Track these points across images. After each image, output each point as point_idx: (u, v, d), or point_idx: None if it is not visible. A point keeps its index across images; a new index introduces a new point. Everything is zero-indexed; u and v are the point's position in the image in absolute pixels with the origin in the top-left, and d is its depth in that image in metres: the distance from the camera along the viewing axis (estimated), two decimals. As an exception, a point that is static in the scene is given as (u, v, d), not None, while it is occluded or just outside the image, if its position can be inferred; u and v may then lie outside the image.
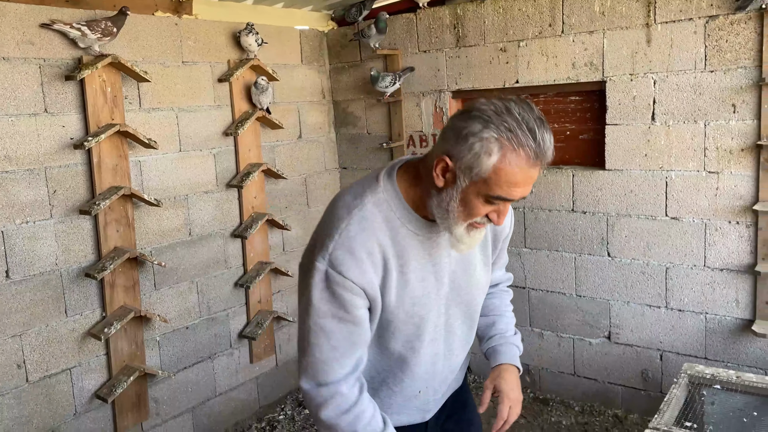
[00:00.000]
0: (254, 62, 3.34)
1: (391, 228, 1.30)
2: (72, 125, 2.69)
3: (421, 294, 1.35)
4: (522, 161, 1.15)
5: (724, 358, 2.96)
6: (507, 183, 1.17)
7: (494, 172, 1.16)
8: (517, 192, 1.19)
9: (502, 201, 1.21)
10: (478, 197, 1.21)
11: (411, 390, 1.48)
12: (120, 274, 2.84)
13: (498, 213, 1.24)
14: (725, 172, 2.84)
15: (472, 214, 1.23)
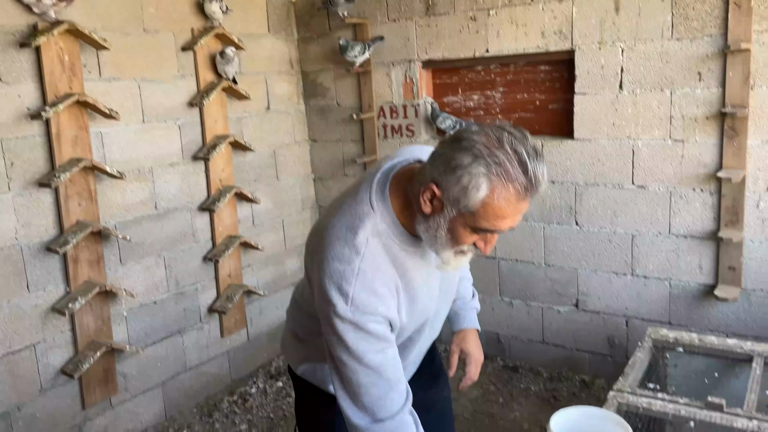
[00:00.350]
0: (219, 31, 3.26)
1: (391, 253, 1.30)
2: (28, 95, 2.59)
3: (425, 302, 1.43)
4: (511, 197, 1.14)
5: (687, 322, 3.03)
6: (495, 217, 1.17)
7: (482, 206, 1.15)
8: (505, 224, 1.19)
9: (489, 233, 1.23)
10: (465, 228, 1.21)
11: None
12: (83, 248, 2.78)
13: (485, 242, 1.26)
14: (690, 141, 2.88)
15: (459, 242, 1.25)
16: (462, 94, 3.60)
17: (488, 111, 3.53)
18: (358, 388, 1.27)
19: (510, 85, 3.44)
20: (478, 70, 3.51)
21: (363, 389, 1.27)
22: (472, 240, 1.24)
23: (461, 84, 3.59)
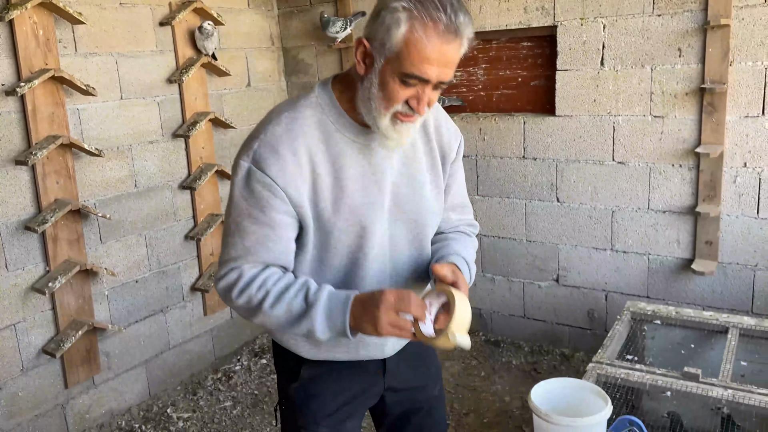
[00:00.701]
0: (197, 5, 3.20)
1: (324, 132, 1.27)
2: (2, 71, 2.54)
3: (361, 202, 1.29)
4: (431, 33, 1.12)
5: (665, 296, 3.09)
6: (419, 58, 1.13)
7: (405, 44, 1.13)
8: (432, 71, 1.14)
9: (417, 80, 1.16)
10: (393, 78, 1.17)
11: None
12: (62, 227, 2.74)
13: (418, 99, 1.19)
14: (670, 117, 2.91)
15: (391, 99, 1.18)
16: (444, 71, 3.58)
17: (470, 88, 3.52)
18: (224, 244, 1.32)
19: (492, 62, 3.43)
20: (461, 47, 3.49)
21: (226, 247, 1.31)
22: (403, 95, 1.18)
23: (443, 60, 3.57)
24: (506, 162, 3.38)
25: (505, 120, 3.34)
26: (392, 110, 1.20)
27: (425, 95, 1.19)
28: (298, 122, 1.26)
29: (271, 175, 1.22)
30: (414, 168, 1.37)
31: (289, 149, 1.23)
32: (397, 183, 1.34)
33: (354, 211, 1.29)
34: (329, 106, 1.28)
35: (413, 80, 1.16)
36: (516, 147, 3.33)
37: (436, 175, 1.42)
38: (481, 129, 3.41)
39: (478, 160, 3.46)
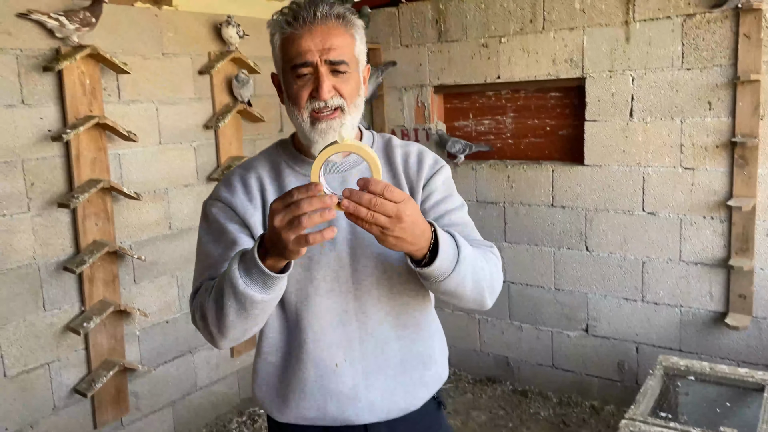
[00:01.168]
0: (235, 55, 3.32)
1: (275, 169, 1.35)
2: (50, 117, 2.65)
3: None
4: (296, 25, 1.23)
5: (698, 350, 3.03)
6: (293, 49, 1.23)
7: (281, 47, 1.26)
8: (308, 54, 1.22)
9: (302, 66, 1.22)
10: (290, 80, 1.25)
11: (322, 358, 1.30)
12: (99, 267, 2.81)
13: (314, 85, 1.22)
14: (701, 169, 2.91)
15: (296, 98, 1.24)
16: (473, 119, 3.65)
17: (498, 135, 3.57)
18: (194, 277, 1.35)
19: (520, 111, 3.48)
20: (489, 96, 3.56)
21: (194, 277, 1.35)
22: (303, 89, 1.23)
23: (472, 109, 3.64)
24: (534, 210, 3.39)
25: (534, 168, 3.36)
26: (306, 112, 1.23)
27: (322, 80, 1.21)
28: (253, 162, 1.37)
29: (222, 198, 1.32)
30: None
31: (239, 180, 1.34)
32: None
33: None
34: (284, 147, 1.38)
35: (300, 69, 1.23)
36: (544, 195, 3.35)
37: None
38: (509, 176, 3.44)
39: (506, 207, 3.48)
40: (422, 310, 1.38)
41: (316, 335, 1.30)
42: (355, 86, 1.27)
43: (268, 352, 1.37)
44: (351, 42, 1.27)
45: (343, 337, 1.31)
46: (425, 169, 1.36)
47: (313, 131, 1.24)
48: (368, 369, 1.32)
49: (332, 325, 1.30)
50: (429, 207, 1.34)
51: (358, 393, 1.31)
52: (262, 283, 1.08)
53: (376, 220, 1.00)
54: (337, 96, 1.24)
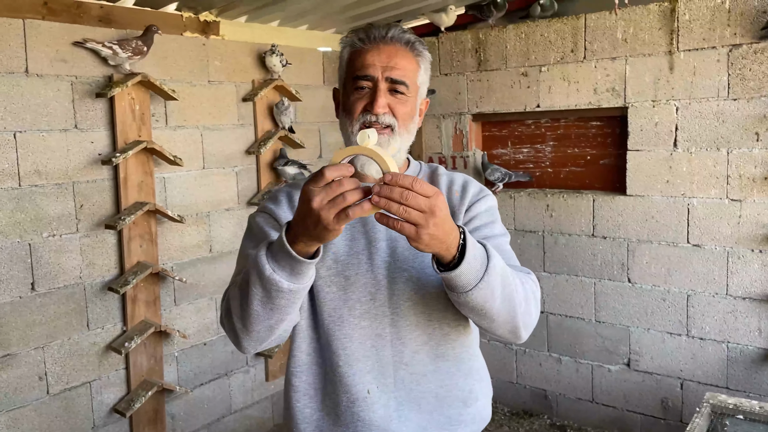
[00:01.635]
0: (278, 82, 3.39)
1: None
2: (100, 141, 2.74)
3: (346, 252, 1.27)
4: (366, 42, 1.27)
5: (746, 387, 2.92)
6: (357, 61, 1.27)
7: (348, 61, 1.30)
8: (371, 68, 1.25)
9: (363, 80, 1.25)
10: (348, 91, 1.28)
11: (354, 383, 1.26)
12: (141, 288, 2.86)
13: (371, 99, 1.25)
14: (748, 201, 2.83)
15: (352, 109, 1.26)
16: (511, 147, 3.64)
17: (538, 164, 3.55)
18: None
19: (560, 139, 3.46)
20: (528, 124, 3.55)
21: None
22: (359, 101, 1.25)
23: (511, 137, 3.63)
24: (574, 239, 3.34)
25: (574, 197, 3.33)
26: (357, 124, 1.24)
27: (378, 94, 1.23)
28: (300, 182, 1.38)
29: (266, 209, 1.34)
30: None
31: (285, 195, 1.36)
32: (394, 237, 1.27)
33: (337, 260, 1.27)
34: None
35: (360, 81, 1.25)
36: (585, 225, 3.30)
37: None
38: (548, 205, 3.41)
39: (545, 237, 3.44)
40: (463, 343, 1.32)
41: (349, 359, 1.26)
42: (410, 111, 1.28)
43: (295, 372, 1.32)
44: (415, 68, 1.29)
45: (376, 364, 1.26)
46: (468, 195, 1.33)
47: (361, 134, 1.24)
48: (401, 400, 1.27)
49: (365, 349, 1.26)
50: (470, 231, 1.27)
51: (390, 425, 1.26)
52: (289, 268, 1.04)
53: (409, 215, 0.94)
54: (390, 114, 1.24)
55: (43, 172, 2.56)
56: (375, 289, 1.26)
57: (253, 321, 1.12)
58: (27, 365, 2.54)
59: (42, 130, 2.55)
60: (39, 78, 2.53)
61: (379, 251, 1.27)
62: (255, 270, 1.06)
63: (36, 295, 2.56)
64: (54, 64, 2.57)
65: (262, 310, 1.10)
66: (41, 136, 2.55)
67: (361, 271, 1.26)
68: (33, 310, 2.55)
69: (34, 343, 2.55)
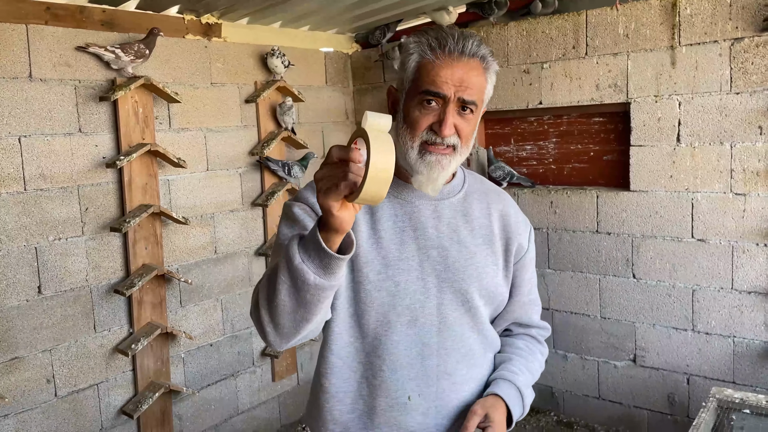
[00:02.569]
0: (280, 84, 3.40)
1: None
2: (104, 145, 2.76)
3: (396, 257, 1.25)
4: (439, 53, 1.21)
5: (752, 382, 2.91)
6: (430, 75, 1.21)
7: (418, 69, 1.23)
8: (445, 86, 1.19)
9: (434, 96, 1.20)
10: (414, 104, 1.22)
11: (396, 389, 1.27)
12: (147, 290, 2.88)
13: (440, 122, 1.21)
14: (752, 194, 2.82)
15: (415, 126, 1.22)
16: (514, 144, 3.63)
17: (541, 161, 3.55)
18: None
19: (563, 136, 3.46)
20: (531, 121, 3.55)
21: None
22: (425, 119, 1.21)
23: (514, 134, 3.63)
24: (579, 236, 3.34)
25: (578, 194, 3.32)
26: (419, 140, 1.22)
27: (448, 116, 1.20)
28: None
29: (305, 200, 1.27)
30: (465, 236, 1.31)
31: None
32: (446, 246, 1.29)
33: (387, 264, 1.25)
34: None
35: (430, 97, 1.20)
36: (589, 221, 3.30)
37: (493, 252, 1.35)
38: (552, 202, 3.41)
39: (550, 234, 3.43)
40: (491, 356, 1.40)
41: (394, 365, 1.26)
42: (473, 129, 1.26)
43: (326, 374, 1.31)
44: (485, 85, 1.26)
45: (420, 372, 1.27)
46: (522, 232, 1.42)
47: (420, 162, 1.22)
48: (440, 409, 1.28)
49: (411, 356, 1.26)
50: (521, 266, 1.42)
51: (427, 428, 1.28)
52: (318, 260, 1.03)
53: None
54: (455, 135, 1.22)
55: (48, 176, 2.58)
56: (424, 297, 1.27)
57: (279, 312, 1.10)
58: (35, 368, 2.56)
59: (46, 134, 2.57)
60: (43, 83, 2.55)
61: (430, 258, 1.28)
62: (285, 258, 1.06)
63: (43, 298, 2.58)
64: (57, 69, 2.59)
65: (289, 300, 1.08)
66: (46, 140, 2.57)
67: (411, 278, 1.26)
68: (40, 314, 2.57)
69: (41, 345, 2.57)
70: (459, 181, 1.37)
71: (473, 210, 1.34)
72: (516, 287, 1.42)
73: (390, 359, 1.26)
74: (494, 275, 1.34)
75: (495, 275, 1.35)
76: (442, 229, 1.30)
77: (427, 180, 1.24)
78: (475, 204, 1.35)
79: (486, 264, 1.33)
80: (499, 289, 1.36)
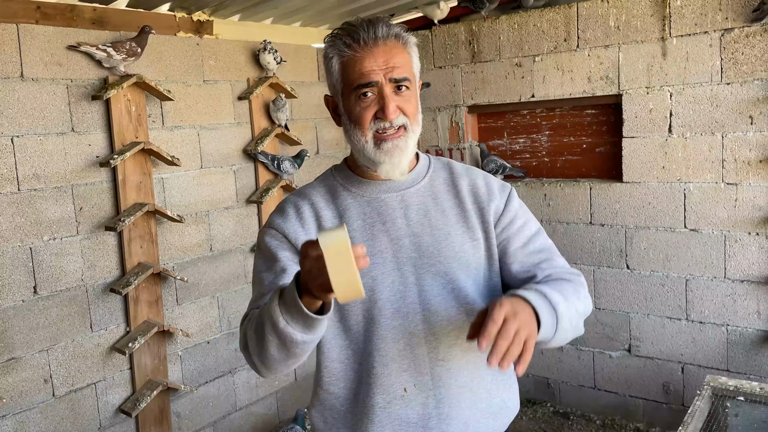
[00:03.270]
0: (273, 80, 3.40)
1: (331, 192, 1.35)
2: (98, 144, 2.75)
3: (369, 252, 1.23)
4: (356, 47, 1.23)
5: (746, 369, 2.94)
6: (354, 70, 1.23)
7: (342, 70, 1.25)
8: (372, 74, 1.22)
9: (366, 87, 1.23)
10: (351, 101, 1.25)
11: (390, 383, 1.27)
12: (144, 289, 2.88)
13: (382, 107, 1.23)
14: (744, 184, 2.85)
15: (360, 120, 1.24)
16: (507, 138, 3.65)
17: (534, 154, 3.56)
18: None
19: (556, 129, 3.47)
20: (524, 114, 3.56)
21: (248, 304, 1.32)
22: (367, 110, 1.23)
23: (507, 128, 3.65)
24: (572, 228, 3.36)
25: (571, 186, 3.34)
26: (370, 133, 1.24)
27: (387, 100, 1.22)
28: (308, 189, 1.38)
29: (275, 226, 1.31)
30: (437, 219, 1.31)
31: (293, 207, 1.34)
32: (417, 233, 1.29)
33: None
34: (340, 170, 1.39)
35: (363, 89, 1.23)
36: (582, 213, 3.32)
37: (468, 228, 1.32)
38: (545, 195, 3.42)
39: (544, 226, 3.44)
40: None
41: (384, 359, 1.26)
42: (416, 103, 1.29)
43: (329, 382, 1.33)
44: (410, 60, 1.29)
45: (411, 362, 1.27)
46: (496, 196, 1.35)
47: (379, 152, 1.25)
48: (440, 398, 1.27)
49: (400, 348, 1.26)
50: (512, 234, 1.33)
51: (428, 422, 1.27)
52: (302, 322, 1.07)
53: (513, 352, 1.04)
54: (402, 114, 1.25)
55: (41, 176, 2.57)
56: (403, 287, 1.27)
57: (271, 363, 1.18)
58: (32, 368, 2.56)
59: (39, 134, 2.56)
60: (34, 82, 2.54)
61: (403, 248, 1.28)
62: (269, 320, 1.10)
63: (38, 298, 2.57)
64: (49, 68, 2.58)
65: (279, 353, 1.14)
66: (38, 140, 2.56)
67: (387, 270, 1.27)
68: (36, 314, 2.56)
69: (38, 346, 2.57)
70: (423, 167, 1.38)
71: (441, 192, 1.35)
72: (510, 245, 1.33)
73: (379, 354, 1.26)
74: (475, 250, 1.32)
75: (476, 250, 1.32)
76: (412, 216, 1.31)
77: (392, 167, 1.27)
78: (442, 186, 1.36)
79: (463, 241, 1.31)
80: (486, 261, 1.33)
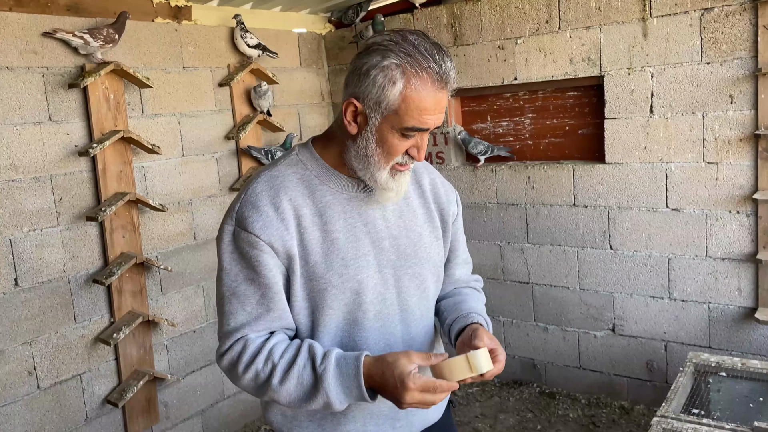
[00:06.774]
0: (254, 66, 3.36)
1: (307, 186, 1.24)
2: (76, 133, 2.71)
3: (353, 255, 1.23)
4: (427, 84, 1.13)
5: (728, 346, 2.99)
6: (417, 110, 1.13)
7: (402, 100, 1.13)
8: (430, 119, 1.15)
9: (417, 132, 1.17)
10: (392, 133, 1.16)
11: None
12: (127, 279, 2.86)
13: (417, 148, 1.20)
14: (724, 163, 2.87)
15: (391, 152, 1.18)
16: (491, 121, 3.65)
17: (517, 137, 3.57)
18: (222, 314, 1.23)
19: (539, 111, 3.48)
20: (507, 97, 3.56)
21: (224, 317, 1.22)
22: (402, 147, 1.18)
23: (490, 111, 3.64)
24: (556, 210, 3.38)
25: (554, 168, 3.35)
26: (392, 163, 1.20)
27: (423, 142, 1.20)
28: (279, 179, 1.23)
29: (255, 232, 1.17)
30: (410, 220, 1.33)
31: (270, 205, 1.20)
32: (395, 235, 1.29)
33: (347, 265, 1.23)
34: (311, 161, 1.26)
35: (414, 132, 1.16)
36: (566, 195, 3.33)
37: (434, 228, 1.37)
38: (529, 177, 3.43)
39: (528, 209, 3.47)
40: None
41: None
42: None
43: None
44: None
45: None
46: (453, 201, 1.44)
47: (392, 180, 1.22)
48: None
49: (380, 349, 1.26)
50: (455, 229, 1.45)
51: (398, 413, 1.30)
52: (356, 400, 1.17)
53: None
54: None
55: (19, 167, 2.53)
56: (384, 289, 1.28)
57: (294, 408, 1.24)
58: (15, 361, 2.53)
59: (15, 123, 2.52)
60: (9, 71, 2.49)
61: (384, 251, 1.28)
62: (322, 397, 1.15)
63: (20, 290, 2.54)
64: (24, 56, 2.53)
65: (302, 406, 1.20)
66: (15, 129, 2.52)
67: (371, 273, 1.26)
68: (18, 306, 2.53)
69: (21, 338, 2.54)
70: None
71: (409, 190, 1.34)
72: (453, 251, 1.46)
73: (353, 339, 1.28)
74: (439, 251, 1.39)
75: (439, 250, 1.39)
76: (389, 217, 1.30)
77: (397, 195, 1.25)
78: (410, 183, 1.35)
79: (431, 242, 1.36)
80: (443, 259, 1.42)
